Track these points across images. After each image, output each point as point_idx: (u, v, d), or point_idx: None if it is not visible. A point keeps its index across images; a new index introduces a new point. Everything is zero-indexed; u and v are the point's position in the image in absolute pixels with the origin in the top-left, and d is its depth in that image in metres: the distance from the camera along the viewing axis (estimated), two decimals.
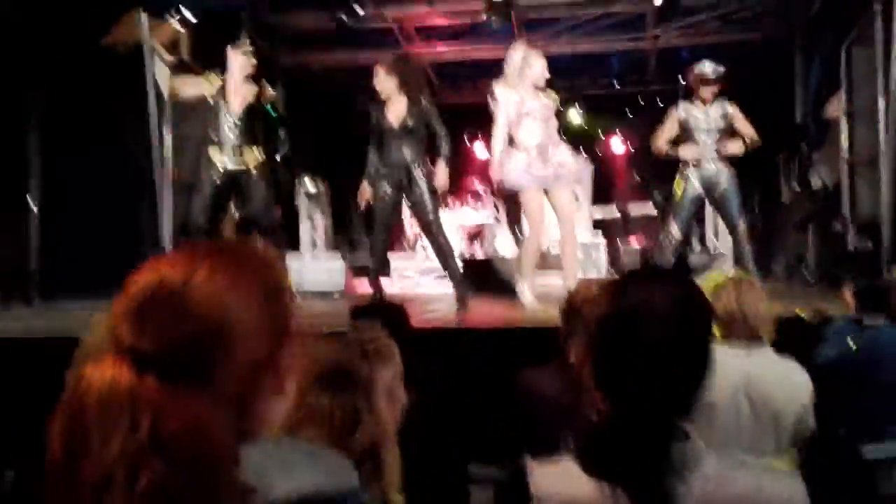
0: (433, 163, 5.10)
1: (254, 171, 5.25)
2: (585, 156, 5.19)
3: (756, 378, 2.34)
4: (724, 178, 5.28)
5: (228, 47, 5.30)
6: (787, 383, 2.38)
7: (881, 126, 5.72)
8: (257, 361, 0.79)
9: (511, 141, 5.01)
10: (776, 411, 2.31)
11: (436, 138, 5.09)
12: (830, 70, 6.93)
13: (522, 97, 4.96)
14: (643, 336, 1.07)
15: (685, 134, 5.36)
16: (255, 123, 5.31)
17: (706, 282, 2.50)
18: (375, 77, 5.14)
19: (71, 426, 0.71)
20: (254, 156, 5.26)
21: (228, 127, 5.20)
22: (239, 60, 5.24)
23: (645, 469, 1.02)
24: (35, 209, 6.07)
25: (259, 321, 0.79)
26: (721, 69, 5.33)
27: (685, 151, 5.32)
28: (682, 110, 5.39)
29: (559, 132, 5.18)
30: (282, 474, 0.98)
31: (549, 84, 5.16)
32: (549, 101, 5.06)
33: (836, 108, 6.79)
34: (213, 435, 0.73)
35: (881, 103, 5.73)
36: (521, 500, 1.12)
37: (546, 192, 4.99)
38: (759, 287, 2.56)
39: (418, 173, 5.02)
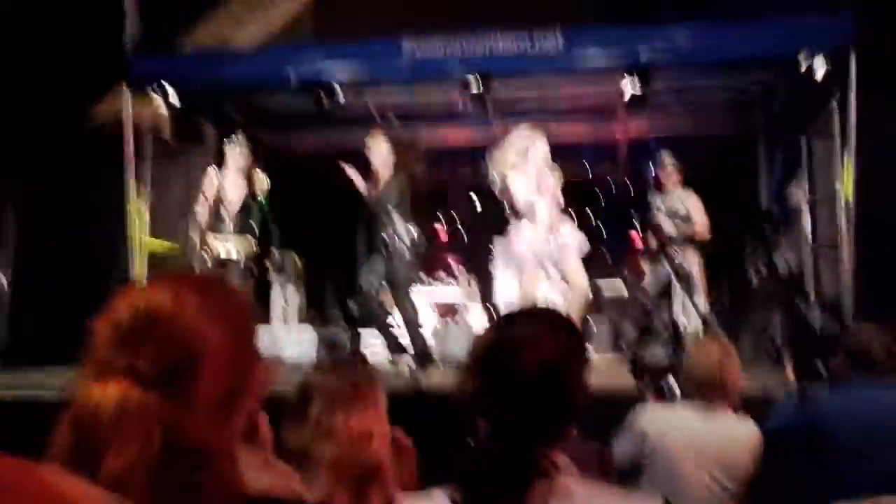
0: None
1: (242, 261, 5.36)
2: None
3: (715, 432, 2.54)
4: (689, 263, 5.42)
5: (224, 143, 5.54)
6: (741, 435, 2.58)
7: (841, 212, 5.92)
8: (234, 381, 0.86)
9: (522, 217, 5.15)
10: (733, 460, 2.52)
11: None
12: (793, 160, 7.20)
13: (530, 179, 5.12)
14: (515, 365, 1.16)
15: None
16: (250, 214, 5.48)
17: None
18: (372, 147, 5.26)
19: (82, 439, 0.76)
20: (247, 245, 5.41)
21: (226, 218, 5.34)
22: (234, 156, 5.48)
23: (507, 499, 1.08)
24: (6, 281, 6.03)
25: (236, 346, 0.87)
26: (671, 160, 5.54)
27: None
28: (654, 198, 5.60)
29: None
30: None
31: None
32: (555, 178, 5.21)
33: (798, 195, 7.01)
34: (209, 438, 0.80)
35: (840, 191, 5.95)
36: None
37: (555, 265, 5.12)
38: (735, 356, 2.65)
39: (399, 242, 5.10)
